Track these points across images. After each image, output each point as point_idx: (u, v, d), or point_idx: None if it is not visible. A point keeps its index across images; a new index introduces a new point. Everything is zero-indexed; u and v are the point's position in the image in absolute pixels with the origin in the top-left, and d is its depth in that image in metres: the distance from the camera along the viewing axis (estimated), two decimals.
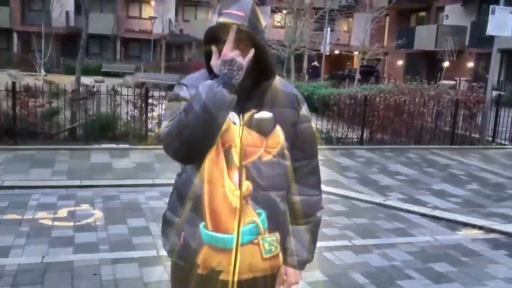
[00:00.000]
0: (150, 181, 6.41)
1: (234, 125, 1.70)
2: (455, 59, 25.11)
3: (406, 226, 5.29)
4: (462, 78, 26.01)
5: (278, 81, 1.79)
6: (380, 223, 5.33)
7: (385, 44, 28.29)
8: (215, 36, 1.67)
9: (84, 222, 4.89)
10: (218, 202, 1.68)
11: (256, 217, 1.70)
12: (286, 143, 1.76)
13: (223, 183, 1.68)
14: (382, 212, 5.76)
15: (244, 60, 1.62)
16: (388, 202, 6.07)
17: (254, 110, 1.72)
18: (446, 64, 24.85)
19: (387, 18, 29.97)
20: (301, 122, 1.82)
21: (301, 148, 1.83)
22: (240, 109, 1.71)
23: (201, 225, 1.70)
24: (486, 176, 7.86)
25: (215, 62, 1.65)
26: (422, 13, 32.28)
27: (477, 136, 10.80)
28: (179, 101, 1.72)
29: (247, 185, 1.69)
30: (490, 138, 10.94)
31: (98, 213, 5.18)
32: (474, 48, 26.50)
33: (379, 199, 6.20)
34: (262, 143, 1.72)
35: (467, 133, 10.74)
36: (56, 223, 4.81)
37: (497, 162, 9.06)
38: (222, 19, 1.63)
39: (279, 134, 1.74)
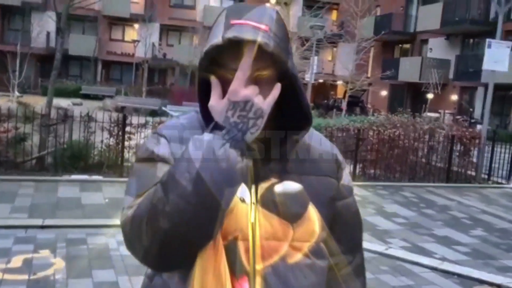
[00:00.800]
0: None
1: (242, 203, 1.05)
2: (439, 91, 25.02)
3: (415, 282, 4.63)
4: (446, 111, 25.92)
5: (308, 135, 1.15)
6: (386, 279, 4.67)
7: (369, 74, 28.18)
8: (217, 61, 1.02)
9: (41, 274, 4.13)
10: None
11: None
12: (323, 232, 1.12)
13: None
14: (385, 263, 5.10)
15: (266, 102, 0.97)
16: (390, 252, 5.42)
17: (274, 180, 1.08)
18: (430, 96, 24.74)
19: (372, 49, 29.98)
20: (343, 197, 1.19)
21: (341, 236, 1.19)
22: (253, 178, 1.06)
23: None
24: (489, 220, 7.29)
25: (216, 103, 0.99)
26: (407, 45, 32.43)
27: (472, 173, 10.31)
28: (153, 162, 1.05)
29: None
30: (486, 176, 10.46)
31: (59, 262, 4.42)
32: (458, 82, 26.53)
33: (380, 247, 5.55)
34: (288, 233, 1.07)
35: (462, 170, 10.24)
36: (6, 276, 4.04)
37: (497, 203, 8.53)
38: (233, 34, 0.97)
39: (313, 219, 1.10)
